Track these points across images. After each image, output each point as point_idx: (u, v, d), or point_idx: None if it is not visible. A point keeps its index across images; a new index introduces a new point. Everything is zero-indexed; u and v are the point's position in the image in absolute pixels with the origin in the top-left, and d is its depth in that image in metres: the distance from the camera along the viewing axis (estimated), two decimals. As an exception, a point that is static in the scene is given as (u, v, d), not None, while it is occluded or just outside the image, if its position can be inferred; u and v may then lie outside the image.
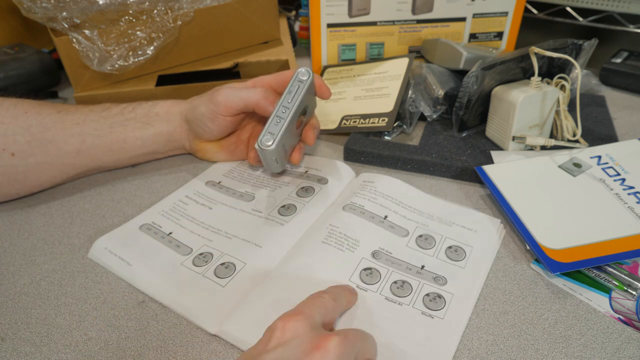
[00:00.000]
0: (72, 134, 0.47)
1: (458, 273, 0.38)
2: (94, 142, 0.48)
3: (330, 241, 0.40)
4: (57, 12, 0.56)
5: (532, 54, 0.48)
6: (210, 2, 0.64)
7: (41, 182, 0.48)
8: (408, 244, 0.41)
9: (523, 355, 0.32)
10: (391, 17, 0.66)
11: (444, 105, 0.57)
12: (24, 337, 0.34)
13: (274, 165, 0.45)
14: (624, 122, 0.58)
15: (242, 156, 0.53)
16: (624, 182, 0.44)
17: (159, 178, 0.52)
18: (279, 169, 0.46)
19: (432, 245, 0.41)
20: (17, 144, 0.45)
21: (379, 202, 0.45)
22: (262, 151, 0.42)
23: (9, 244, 0.43)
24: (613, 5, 0.72)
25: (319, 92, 0.48)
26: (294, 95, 0.44)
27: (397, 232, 0.42)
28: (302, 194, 0.47)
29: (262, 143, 0.42)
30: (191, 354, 0.33)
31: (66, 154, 0.47)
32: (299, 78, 0.44)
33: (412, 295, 0.36)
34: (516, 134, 0.50)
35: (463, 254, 0.40)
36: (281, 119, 0.43)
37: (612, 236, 0.39)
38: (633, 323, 0.34)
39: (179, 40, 0.65)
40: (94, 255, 0.41)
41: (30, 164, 0.46)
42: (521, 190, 0.44)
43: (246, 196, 0.47)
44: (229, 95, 0.46)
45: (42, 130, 0.46)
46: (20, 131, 0.45)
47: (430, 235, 0.42)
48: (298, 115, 0.45)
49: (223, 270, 0.38)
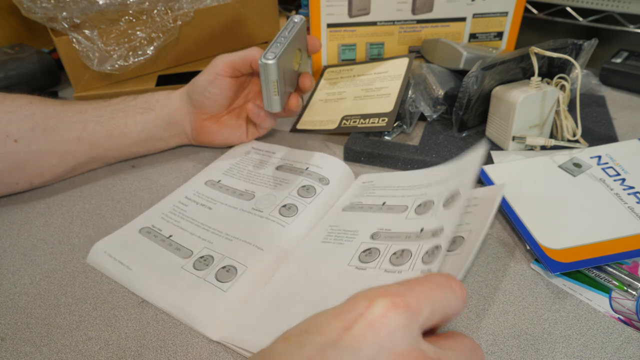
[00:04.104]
0: (75, 121, 0.48)
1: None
2: (95, 128, 0.49)
3: (329, 239, 0.40)
4: (57, 12, 0.56)
5: (532, 54, 0.48)
6: (210, 2, 0.64)
7: (42, 170, 0.48)
8: (408, 216, 0.40)
9: (523, 355, 0.32)
10: (391, 17, 0.65)
11: (444, 105, 0.57)
12: (24, 337, 0.34)
13: (273, 96, 0.45)
14: (624, 122, 0.58)
15: (243, 136, 0.54)
16: (624, 182, 0.44)
17: (159, 178, 0.52)
18: (277, 104, 0.46)
19: (431, 209, 0.40)
20: (21, 130, 0.46)
21: (377, 194, 0.45)
22: (264, 67, 0.43)
23: (9, 244, 0.43)
24: (613, 5, 0.72)
25: (310, 44, 0.50)
26: (289, 31, 0.46)
27: (396, 210, 0.42)
28: (303, 193, 0.46)
29: (265, 57, 0.43)
30: (191, 354, 0.33)
31: (68, 140, 0.48)
32: (293, 20, 0.47)
33: (411, 260, 0.35)
34: (516, 134, 0.50)
35: (458, 196, 0.38)
36: (281, 44, 0.44)
37: (612, 236, 0.39)
38: (633, 323, 0.34)
39: (179, 40, 0.65)
40: (92, 260, 0.41)
41: (33, 151, 0.46)
42: (521, 190, 0.44)
43: (246, 195, 0.47)
44: (226, 56, 0.49)
45: (45, 118, 0.47)
46: (24, 119, 0.46)
47: (430, 200, 0.41)
48: (294, 52, 0.47)
49: (224, 274, 0.38)
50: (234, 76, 0.49)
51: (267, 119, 0.51)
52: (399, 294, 0.22)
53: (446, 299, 0.23)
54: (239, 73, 0.49)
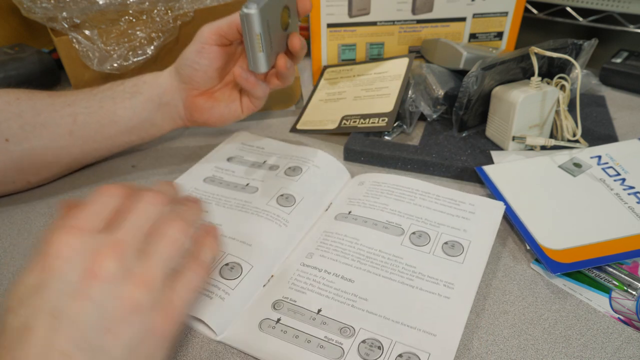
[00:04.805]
0: (64, 115, 0.47)
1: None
2: (85, 120, 0.47)
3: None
4: (57, 12, 0.56)
5: (532, 54, 0.48)
6: (210, 2, 0.64)
7: (37, 168, 0.48)
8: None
9: (523, 355, 0.32)
10: (391, 17, 0.65)
11: (444, 105, 0.57)
12: (24, 337, 0.34)
13: (257, 52, 0.41)
14: (624, 122, 0.58)
15: (238, 110, 0.51)
16: (624, 182, 0.44)
17: (159, 178, 0.52)
18: (263, 63, 0.43)
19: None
20: (10, 129, 0.45)
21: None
22: (245, 17, 0.39)
23: (9, 244, 0.43)
24: (613, 5, 0.72)
25: (300, 3, 0.46)
26: None
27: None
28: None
29: (245, 7, 0.39)
30: (191, 353, 0.33)
31: (59, 136, 0.47)
32: None
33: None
34: (516, 134, 0.50)
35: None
36: None
37: (612, 236, 0.39)
38: (633, 323, 0.34)
39: (179, 40, 0.64)
40: None
41: (25, 149, 0.46)
42: (521, 190, 0.44)
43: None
44: (211, 24, 0.46)
45: (34, 115, 0.46)
46: (12, 117, 0.45)
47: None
48: (281, 9, 0.43)
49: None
50: (222, 44, 0.46)
51: (258, 85, 0.47)
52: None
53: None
54: (226, 41, 0.46)
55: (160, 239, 0.28)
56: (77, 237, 0.26)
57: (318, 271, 0.38)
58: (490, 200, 0.43)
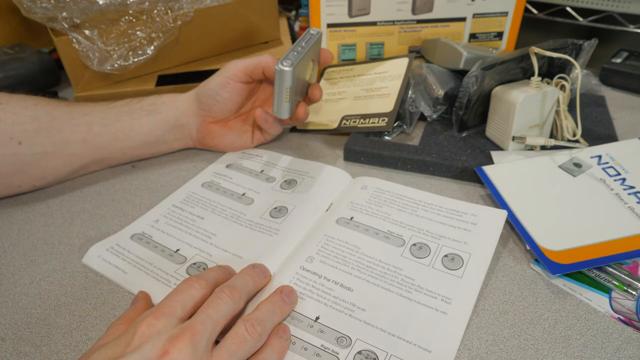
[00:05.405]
0: (79, 123, 0.48)
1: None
2: (100, 131, 0.49)
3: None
4: (57, 12, 0.56)
5: (532, 54, 0.48)
6: (210, 2, 0.64)
7: (45, 173, 0.48)
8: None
9: (523, 355, 0.32)
10: (391, 17, 0.66)
11: (444, 105, 0.57)
12: (24, 337, 0.34)
13: (284, 102, 0.46)
14: (624, 122, 0.58)
15: (248, 141, 0.54)
16: (624, 181, 0.44)
17: (159, 178, 0.52)
18: (287, 111, 0.47)
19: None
20: (25, 132, 0.45)
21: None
22: (280, 73, 0.43)
23: (9, 244, 0.43)
24: (613, 5, 0.72)
25: (322, 56, 0.50)
26: (307, 42, 0.46)
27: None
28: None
29: (282, 64, 0.43)
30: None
31: (72, 143, 0.48)
32: (310, 32, 0.47)
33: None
34: (516, 134, 0.50)
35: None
36: (298, 53, 0.44)
37: (613, 237, 0.39)
38: (633, 323, 0.34)
39: (179, 40, 0.65)
40: (88, 262, 0.41)
41: (37, 154, 0.46)
42: (521, 190, 0.44)
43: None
44: (239, 61, 0.49)
45: (50, 120, 0.47)
46: (28, 120, 0.46)
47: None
48: (309, 63, 0.47)
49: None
50: (246, 82, 0.49)
51: (274, 125, 0.52)
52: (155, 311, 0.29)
53: (225, 309, 0.31)
54: (250, 79, 0.49)
55: (232, 337, 0.30)
56: (161, 320, 0.28)
57: (318, 277, 0.37)
58: (492, 209, 0.43)
